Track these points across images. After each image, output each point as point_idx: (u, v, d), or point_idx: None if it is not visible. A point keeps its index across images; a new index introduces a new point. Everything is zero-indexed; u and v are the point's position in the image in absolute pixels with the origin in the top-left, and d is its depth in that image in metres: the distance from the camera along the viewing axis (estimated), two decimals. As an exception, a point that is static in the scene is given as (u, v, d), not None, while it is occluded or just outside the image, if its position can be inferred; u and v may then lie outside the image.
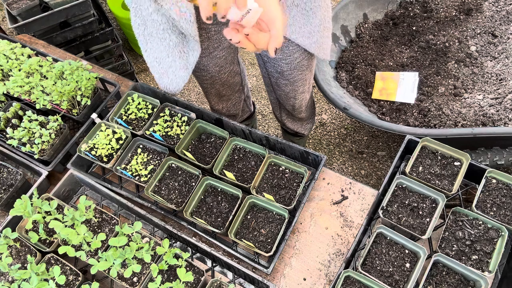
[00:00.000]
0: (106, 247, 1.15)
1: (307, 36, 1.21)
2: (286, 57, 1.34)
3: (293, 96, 1.57)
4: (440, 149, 1.20)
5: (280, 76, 1.45)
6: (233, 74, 1.56)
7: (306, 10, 1.14)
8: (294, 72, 1.41)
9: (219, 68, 1.43)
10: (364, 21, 2.34)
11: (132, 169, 1.30)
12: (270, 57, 1.37)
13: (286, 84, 1.49)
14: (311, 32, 1.21)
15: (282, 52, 1.32)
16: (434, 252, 1.13)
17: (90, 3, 2.18)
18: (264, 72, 1.54)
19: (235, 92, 1.68)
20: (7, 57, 1.47)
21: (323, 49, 1.29)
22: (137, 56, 3.07)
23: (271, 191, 1.25)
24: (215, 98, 1.66)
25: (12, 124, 1.39)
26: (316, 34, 1.22)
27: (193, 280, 1.08)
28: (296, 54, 1.33)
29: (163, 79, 1.31)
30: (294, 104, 1.64)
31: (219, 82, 1.52)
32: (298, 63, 1.37)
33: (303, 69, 1.42)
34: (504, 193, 1.11)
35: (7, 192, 1.29)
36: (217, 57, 1.37)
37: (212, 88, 1.56)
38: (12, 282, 1.12)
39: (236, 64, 1.56)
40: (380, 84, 2.10)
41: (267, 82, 1.59)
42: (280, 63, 1.37)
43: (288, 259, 1.18)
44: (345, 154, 2.44)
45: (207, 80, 1.49)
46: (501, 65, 1.96)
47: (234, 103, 1.74)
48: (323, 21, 1.19)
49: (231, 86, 1.61)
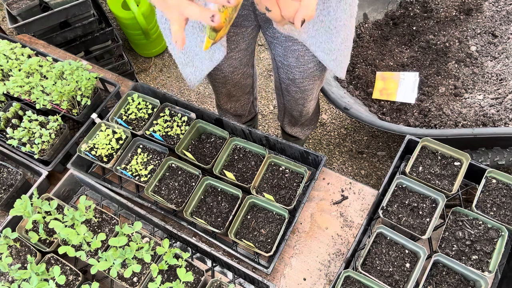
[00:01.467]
0: (106, 247, 1.15)
1: (327, 52, 1.19)
2: (300, 66, 1.33)
3: (302, 103, 1.57)
4: (440, 149, 1.20)
5: (291, 83, 1.45)
6: (246, 76, 1.56)
7: (330, 28, 1.11)
8: (306, 81, 1.41)
9: (233, 69, 1.43)
10: (364, 21, 2.34)
11: (132, 169, 1.30)
12: (284, 63, 1.36)
13: (296, 91, 1.49)
14: (331, 50, 1.18)
15: (297, 60, 1.31)
16: (434, 252, 1.13)
17: (90, 3, 2.18)
18: (276, 77, 1.54)
19: (245, 94, 1.69)
20: (7, 57, 1.47)
21: (341, 67, 1.27)
22: (137, 56, 3.08)
23: (271, 191, 1.25)
24: (225, 98, 1.66)
25: (12, 124, 1.39)
26: (336, 52, 1.20)
27: (193, 280, 1.08)
28: (310, 64, 1.32)
29: (186, 68, 1.30)
30: (301, 111, 1.65)
31: (231, 83, 1.52)
32: (311, 73, 1.36)
33: (315, 79, 1.41)
34: (504, 193, 1.11)
35: (7, 192, 1.29)
36: (233, 58, 1.37)
37: (223, 88, 1.56)
38: (12, 282, 1.12)
39: (250, 66, 1.56)
40: (380, 84, 2.10)
41: (278, 86, 1.59)
42: (293, 70, 1.36)
43: (288, 259, 1.18)
44: (345, 154, 2.44)
45: (220, 79, 1.48)
46: (501, 65, 1.96)
47: (242, 104, 1.75)
48: (345, 40, 1.16)
49: (242, 88, 1.61)
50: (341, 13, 1.06)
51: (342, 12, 1.06)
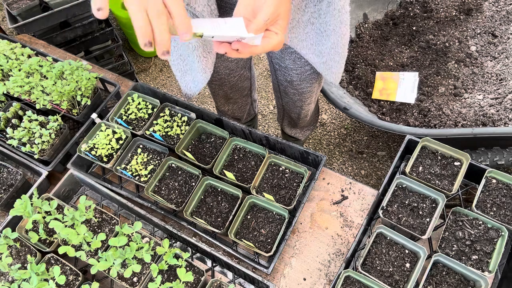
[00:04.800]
0: (106, 247, 1.15)
1: (317, 54, 1.20)
2: (297, 68, 1.33)
3: (300, 105, 1.57)
4: (440, 149, 1.20)
5: (289, 85, 1.45)
6: (243, 78, 1.56)
7: (321, 30, 1.12)
8: (303, 83, 1.41)
9: (229, 71, 1.42)
10: (364, 21, 2.34)
11: (132, 169, 1.30)
12: (281, 65, 1.36)
13: (294, 93, 1.49)
14: (321, 52, 1.19)
15: (294, 62, 1.31)
16: (434, 252, 1.13)
17: (90, 3, 2.18)
18: (274, 79, 1.53)
19: (242, 96, 1.69)
20: (7, 57, 1.47)
21: (332, 72, 1.26)
22: (137, 56, 3.08)
23: (271, 191, 1.25)
24: (222, 100, 1.66)
25: (12, 124, 1.39)
26: (326, 56, 1.20)
27: (193, 280, 1.08)
28: (307, 66, 1.32)
29: (185, 77, 1.30)
30: (300, 113, 1.65)
31: (227, 85, 1.52)
32: (309, 75, 1.37)
33: (313, 81, 1.41)
34: (504, 193, 1.11)
35: (7, 192, 1.29)
36: (229, 60, 1.37)
37: (220, 90, 1.56)
38: (12, 282, 1.12)
39: (248, 69, 1.55)
40: (380, 84, 2.10)
41: (276, 88, 1.59)
42: (290, 72, 1.37)
43: (288, 259, 1.18)
44: (345, 154, 2.44)
45: (216, 81, 1.48)
46: (501, 65, 1.96)
47: (240, 106, 1.74)
48: (335, 45, 1.16)
49: (239, 90, 1.61)
50: (330, 18, 1.07)
51: (331, 17, 1.06)
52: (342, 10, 1.06)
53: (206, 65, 1.22)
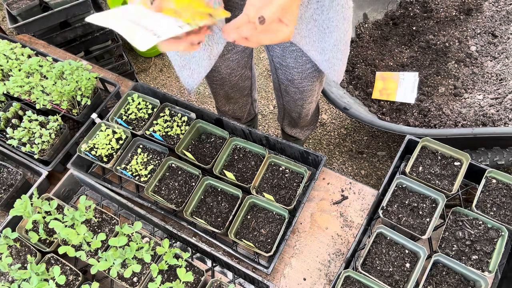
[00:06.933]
0: (106, 247, 1.15)
1: (320, 52, 1.19)
2: (298, 66, 1.33)
3: (301, 104, 1.57)
4: (440, 149, 1.20)
5: (290, 83, 1.44)
6: (244, 78, 1.55)
7: (323, 27, 1.11)
8: (305, 81, 1.40)
9: (230, 70, 1.42)
10: (364, 21, 2.34)
11: (132, 169, 1.30)
12: (282, 64, 1.36)
13: (296, 92, 1.48)
14: (324, 49, 1.19)
15: (295, 61, 1.31)
16: (434, 252, 1.13)
17: (90, 3, 2.18)
18: (274, 78, 1.53)
19: (243, 96, 1.68)
20: (7, 57, 1.47)
21: (334, 70, 1.26)
22: (137, 56, 3.08)
23: (271, 191, 1.25)
24: (223, 100, 1.66)
25: (12, 124, 1.39)
26: (329, 53, 1.20)
27: (193, 280, 1.08)
28: (308, 64, 1.32)
29: (183, 71, 1.29)
30: (300, 112, 1.64)
31: (228, 85, 1.51)
32: (310, 73, 1.36)
33: (314, 80, 1.41)
34: (504, 193, 1.11)
35: (7, 192, 1.29)
36: (230, 60, 1.37)
37: (221, 90, 1.56)
38: (12, 282, 1.12)
39: (249, 69, 1.55)
40: (380, 84, 2.10)
41: (277, 87, 1.58)
42: (292, 71, 1.36)
43: (288, 259, 1.18)
44: (345, 154, 2.44)
45: (217, 81, 1.48)
46: (501, 65, 1.96)
47: (240, 106, 1.74)
48: (338, 42, 1.16)
49: (240, 90, 1.61)
50: (333, 14, 1.07)
51: (334, 12, 1.06)
52: (345, 6, 1.06)
53: (211, 53, 1.21)
